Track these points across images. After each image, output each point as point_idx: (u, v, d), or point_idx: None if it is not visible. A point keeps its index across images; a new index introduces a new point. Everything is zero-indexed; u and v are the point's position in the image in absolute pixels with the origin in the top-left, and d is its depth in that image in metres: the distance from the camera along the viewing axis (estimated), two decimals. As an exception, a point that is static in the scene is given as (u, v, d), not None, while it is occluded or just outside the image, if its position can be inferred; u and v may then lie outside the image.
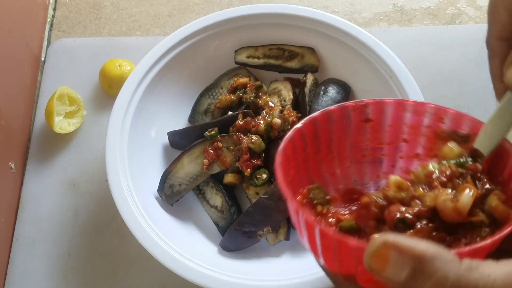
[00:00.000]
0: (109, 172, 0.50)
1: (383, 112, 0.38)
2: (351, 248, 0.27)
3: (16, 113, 0.62)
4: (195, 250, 0.49)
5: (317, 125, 0.37)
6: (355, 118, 0.38)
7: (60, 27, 0.73)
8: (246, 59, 0.61)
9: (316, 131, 0.37)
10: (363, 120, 0.39)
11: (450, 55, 0.66)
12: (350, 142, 0.39)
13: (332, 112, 0.37)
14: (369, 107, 0.38)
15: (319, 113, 0.37)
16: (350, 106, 0.38)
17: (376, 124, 0.39)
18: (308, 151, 0.38)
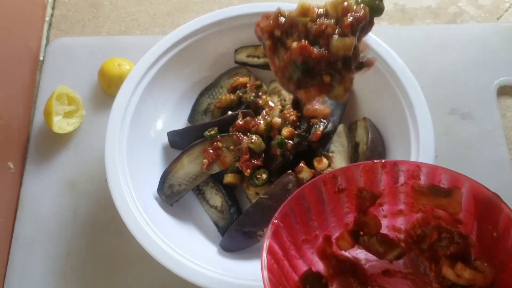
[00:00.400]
0: (108, 172, 0.50)
1: (354, 179, 0.38)
2: None
3: (15, 113, 0.62)
4: (195, 250, 0.49)
5: (292, 213, 0.37)
6: (327, 192, 0.38)
7: (59, 26, 0.73)
8: (246, 58, 0.60)
9: (293, 219, 0.37)
10: (336, 192, 0.38)
11: (451, 54, 0.66)
12: (328, 215, 0.39)
13: (304, 193, 0.37)
14: (339, 177, 0.38)
15: (289, 200, 0.36)
16: (320, 181, 0.38)
17: (351, 192, 0.39)
18: (290, 240, 0.37)
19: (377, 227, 0.40)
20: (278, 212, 0.36)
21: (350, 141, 0.54)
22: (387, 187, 0.38)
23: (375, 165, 0.37)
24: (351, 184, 0.38)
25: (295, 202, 0.37)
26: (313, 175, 0.51)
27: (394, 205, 0.39)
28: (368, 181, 0.38)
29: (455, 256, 0.37)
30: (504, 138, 0.60)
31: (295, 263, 0.38)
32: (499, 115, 0.61)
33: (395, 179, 0.38)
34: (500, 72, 0.64)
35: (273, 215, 0.50)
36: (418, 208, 0.38)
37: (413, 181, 0.37)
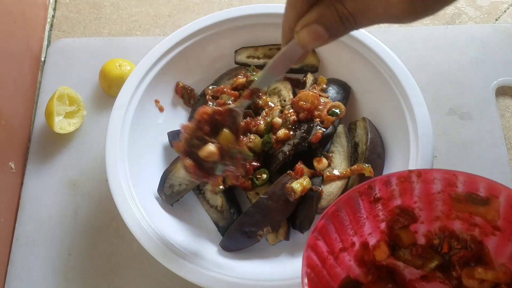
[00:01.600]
0: (109, 172, 0.50)
1: (390, 188, 0.38)
2: None
3: (16, 113, 0.62)
4: (195, 250, 0.49)
5: (329, 225, 0.37)
6: (364, 203, 0.38)
7: (60, 27, 0.73)
8: (246, 59, 0.61)
9: (330, 231, 0.37)
10: (373, 201, 0.38)
11: (450, 55, 0.66)
12: (365, 223, 0.39)
13: (339, 206, 0.37)
14: (376, 187, 0.38)
15: (327, 211, 0.36)
16: (356, 192, 0.37)
17: (387, 200, 0.39)
18: (328, 251, 0.37)
19: (411, 240, 0.40)
20: (315, 226, 0.36)
21: (349, 141, 0.54)
22: (423, 195, 0.38)
23: (411, 174, 0.37)
24: (387, 193, 0.38)
25: (332, 215, 0.37)
26: (311, 175, 0.51)
27: (431, 212, 0.39)
28: (403, 190, 0.38)
29: (469, 261, 0.37)
30: (502, 138, 0.60)
31: (334, 272, 0.38)
32: (497, 115, 0.62)
33: (431, 188, 0.37)
34: (498, 72, 0.64)
35: (273, 214, 0.50)
36: (455, 215, 0.38)
37: (450, 189, 0.37)
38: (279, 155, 0.51)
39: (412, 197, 0.38)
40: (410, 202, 0.39)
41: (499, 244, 0.37)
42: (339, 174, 0.51)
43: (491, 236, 0.37)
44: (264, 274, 0.48)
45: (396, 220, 0.39)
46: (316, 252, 0.36)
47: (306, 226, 0.51)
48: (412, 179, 0.37)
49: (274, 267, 0.50)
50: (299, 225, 0.51)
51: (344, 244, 0.39)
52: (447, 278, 0.39)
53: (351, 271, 0.39)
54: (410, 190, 0.38)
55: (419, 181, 0.37)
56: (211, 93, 0.58)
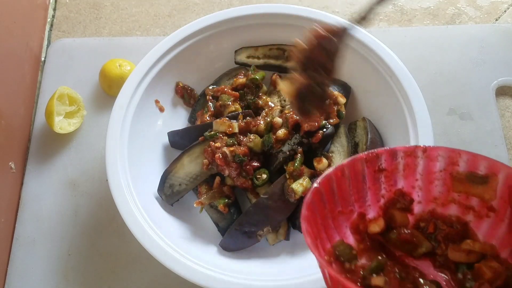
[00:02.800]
0: (109, 172, 0.50)
1: (396, 161, 0.39)
2: None
3: (16, 113, 0.62)
4: (195, 250, 0.49)
5: (332, 183, 0.38)
6: (369, 170, 0.39)
7: (60, 27, 0.73)
8: (246, 59, 0.61)
9: (332, 189, 0.38)
10: (377, 171, 0.39)
11: (450, 55, 0.66)
12: (366, 193, 0.40)
13: (344, 167, 0.38)
14: (382, 157, 0.38)
15: (332, 170, 0.37)
16: (363, 159, 0.38)
17: (390, 173, 0.39)
18: (328, 209, 0.38)
19: (403, 222, 0.40)
20: (321, 177, 0.37)
21: (349, 141, 0.54)
22: (425, 172, 0.39)
23: (417, 149, 0.38)
24: (392, 166, 0.39)
25: (336, 173, 0.38)
26: (311, 175, 0.51)
27: (429, 193, 0.40)
28: (407, 166, 0.39)
29: (454, 239, 0.38)
30: (502, 138, 0.60)
31: (330, 233, 0.39)
32: (497, 115, 0.62)
33: (434, 165, 0.38)
34: (498, 72, 0.64)
35: (273, 214, 0.50)
36: (451, 198, 0.39)
37: (452, 168, 0.38)
38: (279, 155, 0.51)
39: (415, 174, 0.39)
40: (412, 180, 0.40)
41: (492, 227, 0.38)
42: (339, 174, 0.51)
43: (485, 218, 0.38)
44: (264, 274, 0.48)
45: (394, 201, 0.40)
46: (317, 202, 0.37)
47: (306, 226, 0.51)
48: (417, 154, 0.38)
49: (274, 267, 0.50)
50: (299, 225, 0.51)
51: (343, 209, 0.39)
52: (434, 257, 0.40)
53: (345, 237, 0.40)
54: (413, 166, 0.39)
55: (423, 157, 0.38)
56: (211, 93, 0.58)
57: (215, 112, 0.57)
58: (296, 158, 0.50)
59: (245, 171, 0.51)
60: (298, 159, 0.50)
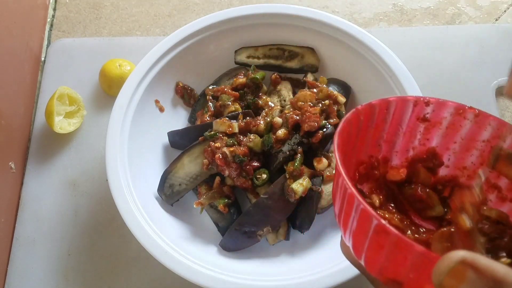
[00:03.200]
0: (109, 172, 0.50)
1: (443, 115, 0.37)
2: (414, 254, 0.25)
3: (16, 113, 0.62)
4: (195, 250, 0.49)
5: (375, 111, 0.36)
6: (413, 114, 0.37)
7: (60, 27, 0.73)
8: (246, 59, 0.61)
9: (372, 119, 0.36)
10: (420, 119, 0.37)
11: (450, 55, 0.66)
12: (399, 138, 0.38)
13: (391, 103, 0.36)
14: (430, 106, 0.36)
15: (378, 101, 0.36)
16: (412, 101, 0.36)
17: (432, 126, 0.38)
18: (360, 137, 0.36)
19: (426, 180, 0.38)
20: (364, 104, 0.36)
21: (349, 141, 0.54)
22: (467, 137, 0.37)
23: (470, 111, 0.36)
24: (437, 118, 0.37)
25: (380, 104, 0.36)
26: (311, 175, 0.51)
27: (462, 160, 0.38)
28: (453, 124, 0.37)
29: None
30: (503, 139, 0.60)
31: (358, 155, 0.37)
32: (497, 115, 0.62)
33: (480, 133, 0.36)
34: (498, 72, 0.64)
35: (273, 214, 0.50)
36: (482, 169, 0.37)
37: (497, 141, 0.36)
38: (279, 155, 0.51)
39: (455, 136, 0.37)
40: (449, 142, 0.38)
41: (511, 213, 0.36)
42: (339, 174, 0.51)
43: (507, 202, 0.36)
44: (264, 274, 0.48)
45: (423, 159, 0.39)
46: (356, 121, 0.35)
47: (306, 226, 0.51)
48: (468, 116, 0.36)
49: (274, 267, 0.50)
50: (299, 225, 0.51)
51: (374, 141, 0.38)
52: (441, 222, 0.39)
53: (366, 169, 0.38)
54: (458, 127, 0.37)
55: (473, 121, 0.36)
56: (211, 93, 0.58)
57: (215, 112, 0.57)
58: (296, 158, 0.50)
59: (245, 171, 0.51)
60: (298, 159, 0.50)
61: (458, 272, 0.22)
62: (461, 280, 0.22)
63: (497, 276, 0.22)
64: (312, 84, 0.56)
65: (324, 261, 0.46)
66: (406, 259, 0.26)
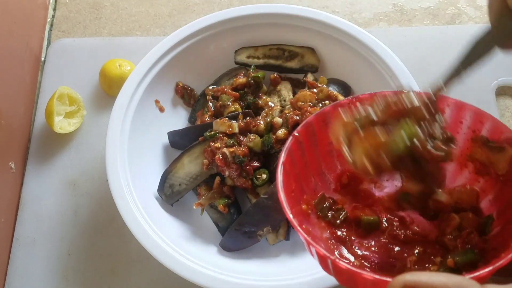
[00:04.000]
0: (109, 172, 0.50)
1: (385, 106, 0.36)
2: (368, 281, 0.28)
3: (16, 113, 0.62)
4: (195, 250, 0.49)
5: (312, 128, 0.36)
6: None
7: (60, 27, 0.73)
8: (246, 59, 0.61)
9: (313, 133, 0.37)
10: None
11: (450, 55, 0.66)
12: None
13: (326, 114, 0.36)
14: (359, 104, 0.36)
15: (313, 116, 0.36)
16: (345, 104, 0.36)
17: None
18: (307, 156, 0.37)
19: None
20: (300, 126, 0.36)
21: (349, 141, 0.54)
22: (452, 122, 0.37)
23: (446, 100, 0.37)
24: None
25: (317, 119, 0.36)
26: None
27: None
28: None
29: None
30: (503, 139, 0.60)
31: (309, 180, 0.37)
32: (498, 115, 0.62)
33: (460, 123, 0.37)
34: (498, 72, 0.64)
35: (273, 214, 0.50)
36: (467, 158, 0.38)
37: (477, 130, 0.37)
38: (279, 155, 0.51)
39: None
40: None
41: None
42: (339, 174, 0.51)
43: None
44: (264, 274, 0.48)
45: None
46: (296, 151, 0.35)
47: (306, 226, 0.51)
48: (446, 102, 0.38)
49: (274, 267, 0.50)
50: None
51: (321, 152, 0.38)
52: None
53: (323, 180, 0.38)
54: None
55: (451, 109, 0.37)
56: (211, 93, 0.58)
57: (215, 112, 0.57)
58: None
59: (245, 171, 0.51)
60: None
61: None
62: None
63: (436, 286, 0.25)
64: (312, 84, 0.56)
65: (324, 261, 0.46)
66: (363, 284, 0.30)
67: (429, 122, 0.34)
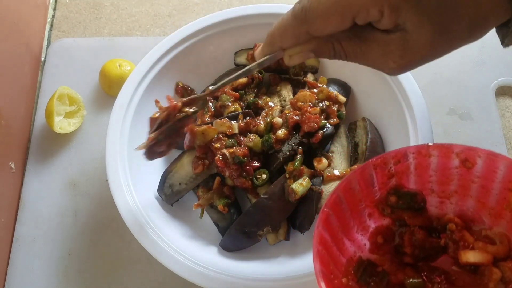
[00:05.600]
0: (109, 172, 0.50)
1: (406, 162, 0.37)
2: None
3: (16, 113, 0.62)
4: (195, 250, 0.49)
5: (340, 197, 0.36)
6: (378, 176, 0.38)
7: (60, 27, 0.73)
8: (246, 61, 0.61)
9: (341, 201, 0.37)
10: (386, 177, 0.38)
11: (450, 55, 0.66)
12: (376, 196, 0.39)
13: (351, 178, 0.37)
14: (391, 161, 0.37)
15: (351, 174, 0.36)
16: (371, 165, 0.37)
17: (401, 174, 0.38)
18: (339, 225, 0.37)
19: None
20: (328, 199, 0.36)
21: (349, 141, 0.54)
22: (440, 170, 0.37)
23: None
24: (402, 167, 0.38)
25: (355, 176, 0.36)
26: (311, 175, 0.51)
27: (447, 186, 0.39)
28: (420, 165, 0.38)
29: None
30: (503, 138, 0.60)
31: (344, 247, 0.37)
32: (498, 115, 0.62)
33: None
34: (499, 72, 0.64)
35: (273, 214, 0.50)
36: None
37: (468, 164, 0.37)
38: (279, 155, 0.51)
39: (428, 171, 0.38)
40: (426, 176, 0.38)
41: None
42: (339, 174, 0.51)
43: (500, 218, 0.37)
44: (264, 274, 0.48)
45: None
46: (328, 228, 0.35)
47: (306, 226, 0.51)
48: (431, 153, 0.37)
49: (274, 267, 0.50)
50: (299, 225, 0.51)
51: (359, 220, 0.38)
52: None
53: (362, 249, 0.38)
54: (426, 165, 0.38)
55: (437, 155, 0.37)
56: None
57: (215, 112, 0.57)
58: (296, 158, 0.50)
59: (245, 171, 0.51)
60: (298, 159, 0.50)
61: None
62: None
63: None
64: (312, 84, 0.56)
65: (324, 261, 0.46)
66: None
67: None
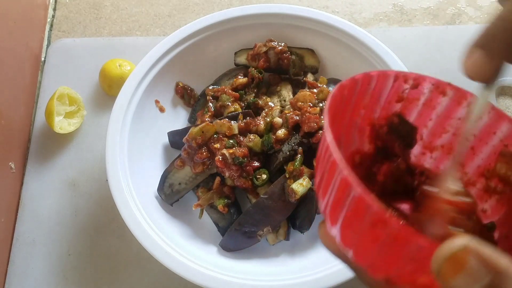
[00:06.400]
0: (109, 172, 0.50)
1: (420, 91, 0.34)
2: (415, 246, 0.22)
3: (16, 113, 0.62)
4: (195, 250, 0.49)
5: (357, 86, 0.33)
6: (392, 90, 0.34)
7: (60, 27, 0.73)
8: (245, 61, 0.61)
9: (354, 94, 0.34)
10: (396, 99, 0.35)
11: (450, 55, 0.66)
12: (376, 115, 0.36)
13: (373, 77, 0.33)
14: (409, 82, 0.34)
15: (361, 75, 0.33)
16: (392, 75, 0.33)
17: (409, 103, 0.35)
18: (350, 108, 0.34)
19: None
20: (347, 79, 0.32)
21: (349, 141, 0.54)
22: (443, 115, 0.35)
23: (449, 87, 0.34)
24: (414, 95, 0.35)
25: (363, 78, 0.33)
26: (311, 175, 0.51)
27: (437, 136, 0.36)
28: (430, 101, 0.35)
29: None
30: (502, 139, 0.60)
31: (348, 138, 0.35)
32: (497, 116, 0.62)
33: (457, 110, 0.35)
34: (498, 73, 0.64)
35: (273, 214, 0.50)
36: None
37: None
38: (279, 155, 0.51)
39: (431, 114, 0.36)
40: (426, 119, 0.36)
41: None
42: (339, 174, 0.51)
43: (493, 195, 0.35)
44: (264, 274, 0.48)
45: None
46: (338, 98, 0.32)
47: (306, 226, 0.51)
48: (447, 93, 0.35)
49: (274, 267, 0.50)
50: (299, 225, 0.51)
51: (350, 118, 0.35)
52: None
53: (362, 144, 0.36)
54: (435, 104, 0.35)
55: (452, 98, 0.35)
56: (211, 93, 0.58)
57: (215, 112, 0.57)
58: (296, 158, 0.50)
59: (245, 171, 0.51)
60: (298, 159, 0.50)
61: (459, 259, 0.21)
62: (461, 267, 0.21)
63: (500, 267, 0.21)
64: (312, 85, 0.56)
65: (324, 261, 0.46)
66: (407, 252, 0.23)
67: None
